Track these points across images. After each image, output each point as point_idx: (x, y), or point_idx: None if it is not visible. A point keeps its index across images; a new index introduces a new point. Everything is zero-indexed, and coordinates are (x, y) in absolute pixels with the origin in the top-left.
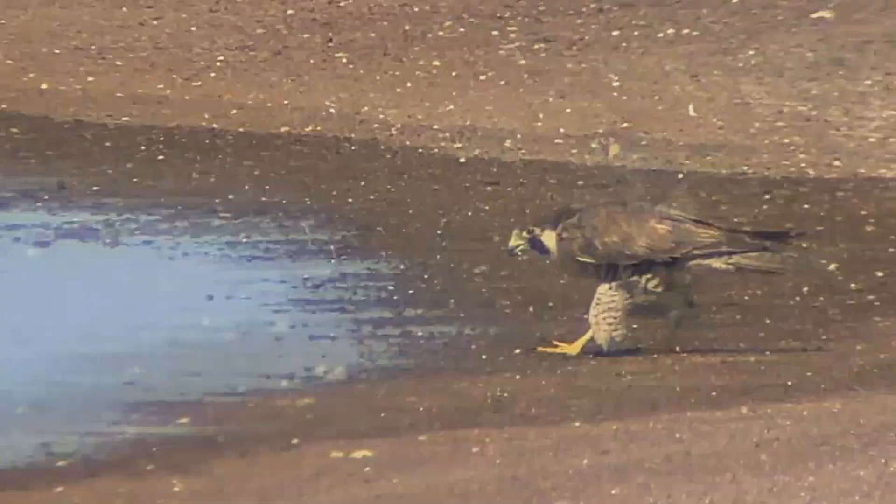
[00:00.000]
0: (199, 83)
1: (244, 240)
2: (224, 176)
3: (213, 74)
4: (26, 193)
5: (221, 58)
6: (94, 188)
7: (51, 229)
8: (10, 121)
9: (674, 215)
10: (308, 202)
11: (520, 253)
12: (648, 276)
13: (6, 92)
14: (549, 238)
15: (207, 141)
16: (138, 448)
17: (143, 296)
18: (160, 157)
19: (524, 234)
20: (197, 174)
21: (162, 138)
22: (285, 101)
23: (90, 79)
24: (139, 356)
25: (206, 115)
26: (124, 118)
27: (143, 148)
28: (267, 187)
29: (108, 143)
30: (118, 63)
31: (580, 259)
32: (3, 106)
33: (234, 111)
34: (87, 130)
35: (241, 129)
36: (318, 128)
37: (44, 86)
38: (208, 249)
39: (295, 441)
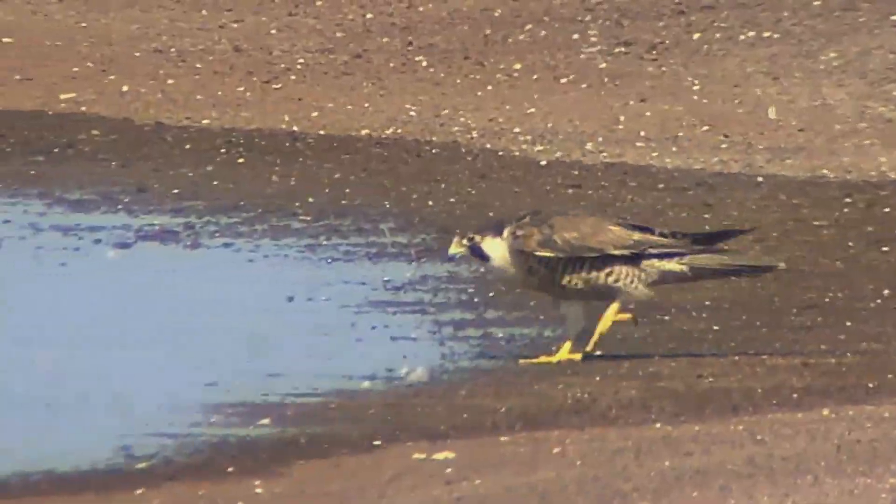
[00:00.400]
0: (278, 86)
1: (324, 242)
2: (304, 179)
3: (293, 77)
4: (107, 196)
5: (301, 61)
6: (175, 191)
7: (131, 231)
8: (91, 123)
9: (623, 221)
10: (388, 205)
11: (458, 259)
12: (608, 270)
13: (87, 94)
14: (489, 245)
15: (287, 144)
16: (219, 450)
17: (224, 298)
18: (240, 160)
19: (464, 241)
20: (277, 177)
21: (242, 141)
22: (366, 104)
23: (170, 81)
24: (220, 358)
25: (286, 118)
26: (204, 121)
27: (223, 151)
28: (347, 190)
29: (188, 146)
30: (198, 66)
31: (538, 254)
32: (84, 108)
33: (315, 114)
34: (167, 133)
35: (321, 132)
36: (399, 131)
37: (124, 88)
38: (288, 252)
39: (376, 442)
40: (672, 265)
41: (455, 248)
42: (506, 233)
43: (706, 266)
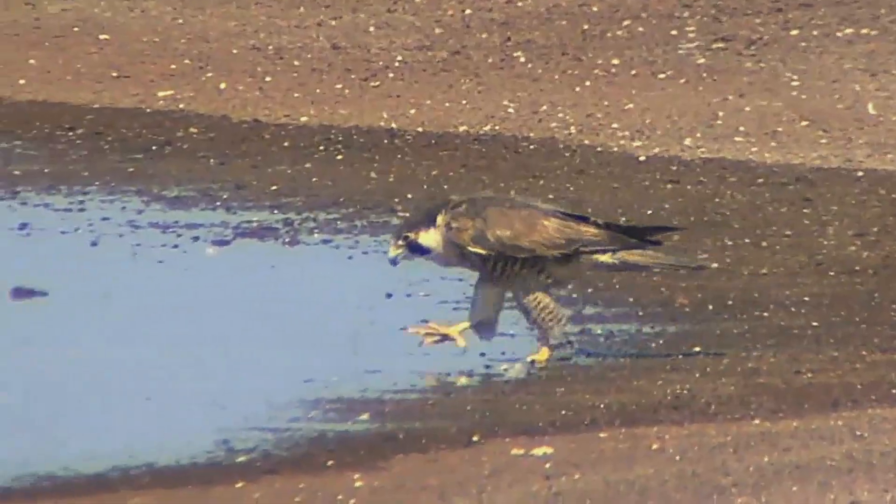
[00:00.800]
0: (377, 83)
1: None
2: (402, 175)
3: (391, 74)
4: (205, 193)
5: (399, 58)
6: (273, 187)
7: (229, 228)
8: (189, 120)
9: (557, 211)
10: None
11: (401, 261)
12: (539, 268)
13: (185, 92)
14: (426, 238)
15: (386, 140)
16: (318, 444)
17: (323, 294)
18: (339, 157)
19: (400, 241)
20: (375, 174)
21: (340, 138)
22: (464, 101)
23: (268, 79)
24: (319, 354)
25: (385, 115)
26: (302, 118)
27: (321, 148)
28: (445, 186)
29: (286, 143)
30: (296, 63)
31: (470, 249)
32: (182, 106)
33: (413, 111)
34: (265, 130)
35: (419, 129)
36: (497, 127)
37: (222, 85)
38: (388, 248)
39: (475, 438)
40: (604, 258)
41: (393, 252)
42: (440, 220)
43: (636, 262)
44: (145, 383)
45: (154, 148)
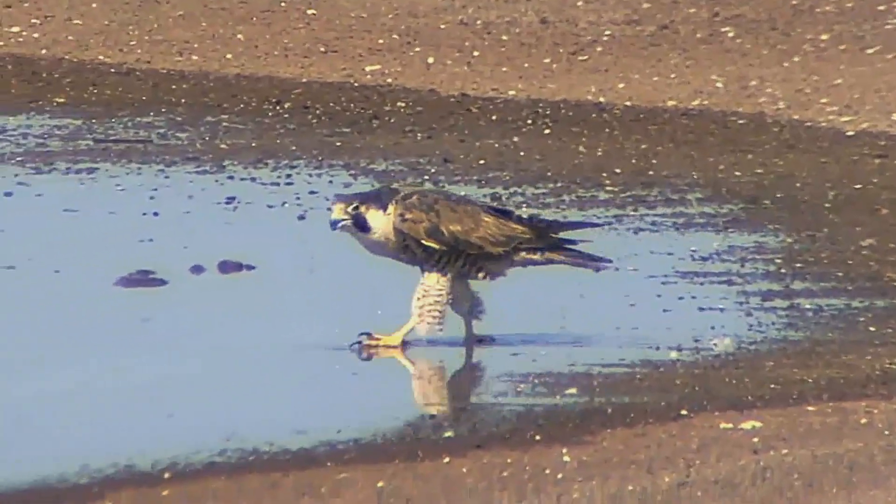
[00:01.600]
0: (585, 57)
1: (631, 213)
2: (611, 149)
3: (599, 49)
4: (413, 167)
5: (608, 32)
6: (481, 161)
7: None
8: (397, 94)
9: (489, 208)
10: (695, 175)
11: (341, 228)
12: (479, 265)
13: (392, 66)
14: (374, 217)
15: (594, 115)
16: (525, 418)
17: (530, 269)
18: (546, 131)
19: (349, 209)
20: (584, 148)
21: (548, 112)
22: (672, 76)
23: (476, 53)
24: (527, 328)
25: (593, 89)
26: (510, 92)
27: (529, 122)
28: (654, 161)
29: (493, 117)
30: (504, 38)
31: (424, 242)
32: (389, 80)
33: (621, 85)
34: (473, 104)
35: (627, 103)
36: (705, 102)
37: (430, 60)
38: (595, 222)
39: (683, 412)
40: (534, 256)
41: (338, 215)
42: (391, 209)
43: (556, 259)
44: (352, 359)
45: (361, 122)
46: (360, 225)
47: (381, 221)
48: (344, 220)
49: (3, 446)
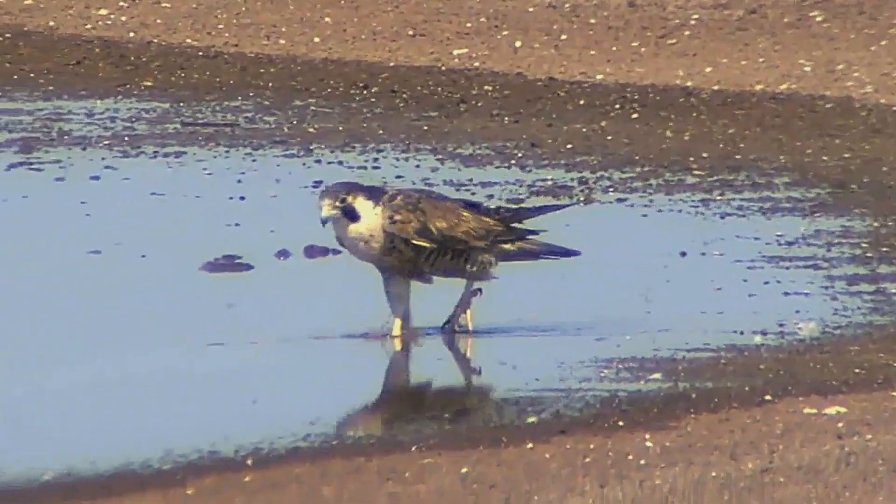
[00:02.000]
0: (673, 41)
1: (718, 197)
2: (698, 134)
3: (687, 33)
4: (500, 151)
5: (696, 16)
6: (568, 146)
7: (524, 186)
8: (484, 78)
9: (462, 202)
10: (782, 160)
11: (332, 222)
12: (465, 257)
13: (480, 50)
14: (363, 207)
15: (681, 99)
16: (609, 404)
17: (616, 253)
18: (634, 116)
19: (337, 202)
20: (671, 132)
21: (636, 96)
22: (760, 60)
23: (563, 37)
24: (610, 312)
25: (680, 74)
26: (598, 76)
27: (617, 106)
28: (741, 145)
29: (581, 101)
30: (591, 21)
31: (415, 242)
32: (477, 64)
33: (709, 69)
34: (561, 88)
35: (715, 88)
36: (793, 86)
37: (517, 43)
38: (682, 207)
39: (767, 397)
40: (508, 247)
41: (327, 212)
42: (380, 209)
43: (526, 249)
44: (437, 344)
45: (449, 106)
46: (350, 214)
47: (370, 216)
48: (332, 214)
49: (87, 431)
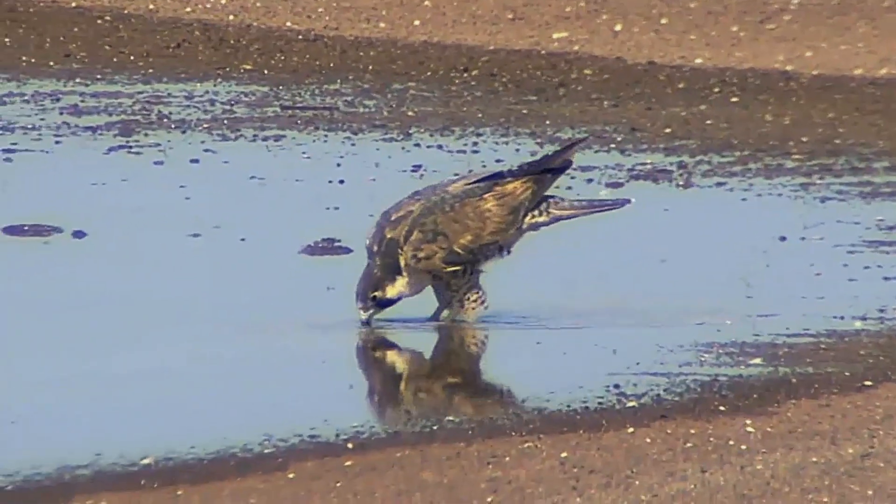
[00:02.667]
0: (772, 26)
1: (817, 181)
2: (797, 118)
3: (786, 17)
4: (599, 135)
5: (796, 0)
6: (667, 130)
7: (623, 171)
8: (583, 62)
9: (475, 183)
10: (881, 144)
11: (375, 320)
12: (497, 248)
13: (580, 34)
14: (392, 290)
15: (781, 83)
16: (710, 389)
17: (716, 237)
18: (733, 100)
19: (369, 303)
20: (770, 116)
21: (735, 81)
22: (860, 44)
23: (663, 21)
24: (712, 296)
25: (780, 58)
26: (697, 60)
27: (716, 90)
28: (840, 129)
29: (681, 85)
30: (691, 5)
31: (448, 270)
32: (576, 48)
33: (808, 54)
34: (660, 72)
35: (814, 72)
36: (893, 71)
37: (617, 28)
38: (781, 191)
39: (867, 383)
40: (540, 218)
41: (365, 315)
42: (401, 261)
43: (565, 215)
44: (534, 327)
45: (548, 90)
46: (386, 305)
47: (399, 287)
48: (372, 314)
49: (187, 414)
